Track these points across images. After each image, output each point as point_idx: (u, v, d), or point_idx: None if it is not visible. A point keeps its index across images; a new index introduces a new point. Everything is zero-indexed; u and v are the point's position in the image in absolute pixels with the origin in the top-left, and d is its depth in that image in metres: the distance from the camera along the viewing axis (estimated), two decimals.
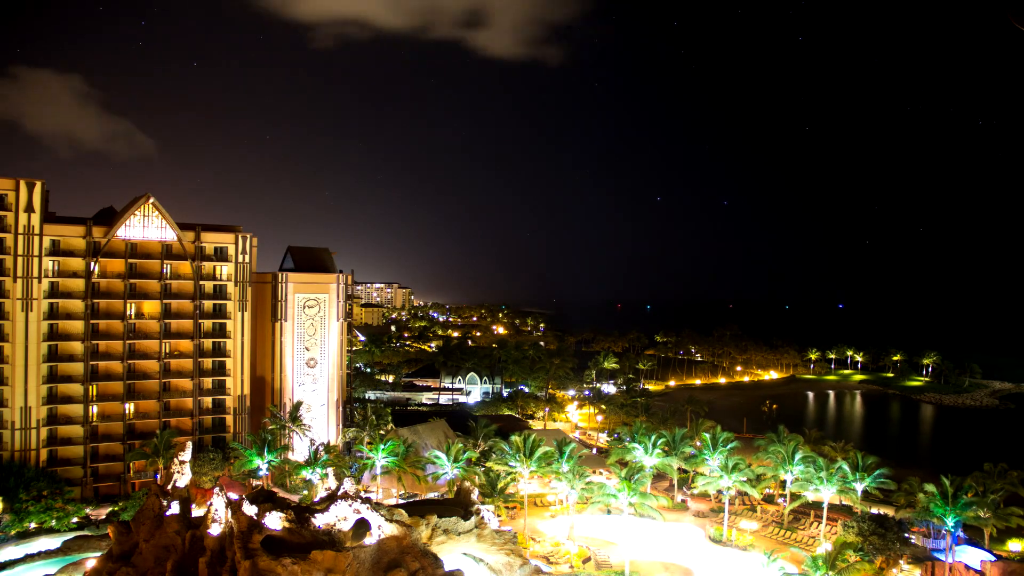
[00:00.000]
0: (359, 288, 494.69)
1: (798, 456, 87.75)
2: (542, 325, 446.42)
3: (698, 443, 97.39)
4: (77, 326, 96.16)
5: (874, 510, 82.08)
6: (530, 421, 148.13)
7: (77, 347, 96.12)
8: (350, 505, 55.39)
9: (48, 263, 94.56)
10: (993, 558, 72.79)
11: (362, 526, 54.70)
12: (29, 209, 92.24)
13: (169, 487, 61.84)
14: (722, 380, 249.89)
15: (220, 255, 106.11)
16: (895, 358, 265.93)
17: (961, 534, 76.41)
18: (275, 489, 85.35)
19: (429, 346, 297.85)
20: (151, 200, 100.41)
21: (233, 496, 57.74)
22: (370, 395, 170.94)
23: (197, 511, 59.69)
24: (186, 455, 65.08)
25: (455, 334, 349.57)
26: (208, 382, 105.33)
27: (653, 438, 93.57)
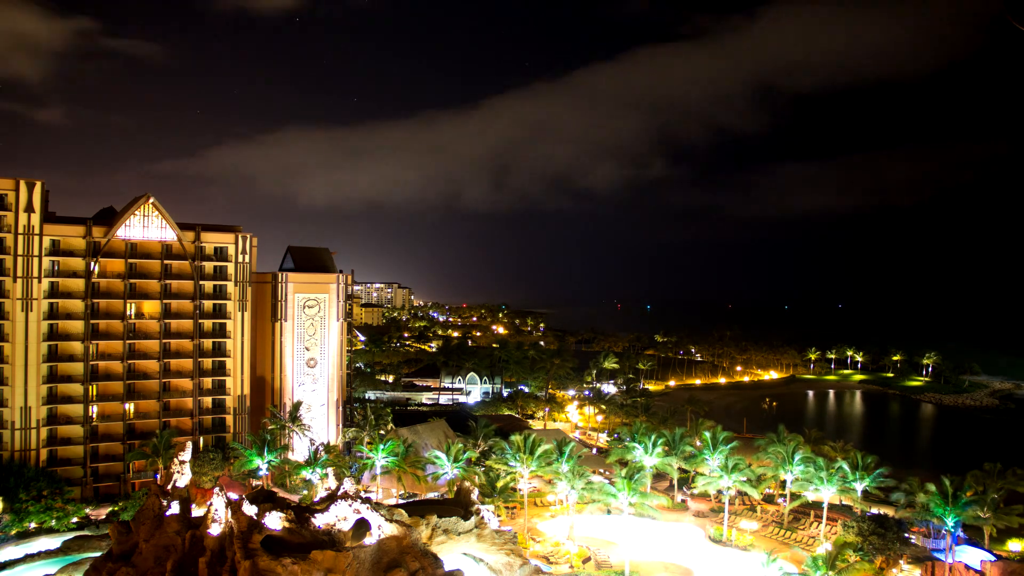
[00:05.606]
0: (359, 288, 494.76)
1: (798, 456, 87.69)
2: (542, 325, 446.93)
3: (698, 443, 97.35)
4: (77, 326, 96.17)
5: (874, 510, 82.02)
6: (530, 421, 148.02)
7: (77, 347, 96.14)
8: (350, 505, 55.39)
9: (48, 263, 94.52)
10: (993, 558, 72.75)
11: (362, 526, 54.70)
12: (29, 209, 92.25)
13: (169, 487, 61.85)
14: (722, 380, 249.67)
15: (220, 255, 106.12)
16: (895, 358, 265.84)
17: (961, 534, 76.37)
18: (275, 489, 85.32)
19: (429, 346, 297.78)
20: (151, 200, 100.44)
21: (233, 496, 57.75)
22: (370, 395, 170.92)
23: (197, 511, 59.67)
24: (186, 455, 65.09)
25: (455, 334, 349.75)
26: (208, 382, 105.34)
27: (653, 438, 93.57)
